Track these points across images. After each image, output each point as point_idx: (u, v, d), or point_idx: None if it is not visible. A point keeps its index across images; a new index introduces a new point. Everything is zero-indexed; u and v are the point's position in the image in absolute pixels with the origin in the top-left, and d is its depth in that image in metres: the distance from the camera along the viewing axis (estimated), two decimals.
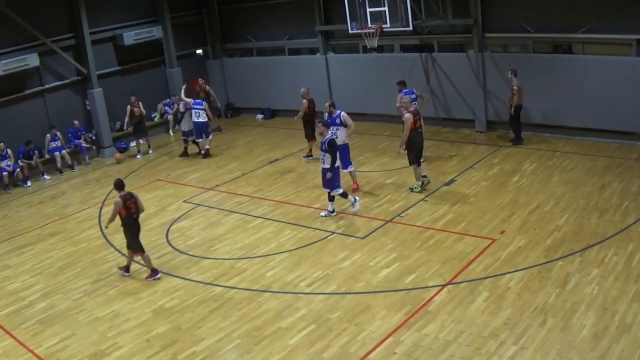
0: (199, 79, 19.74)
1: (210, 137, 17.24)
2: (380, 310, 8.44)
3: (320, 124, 12.05)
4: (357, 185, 13.17)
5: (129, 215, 9.87)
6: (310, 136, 15.47)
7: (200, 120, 16.70)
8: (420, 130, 12.53)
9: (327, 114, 12.87)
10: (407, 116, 12.06)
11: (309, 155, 15.79)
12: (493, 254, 9.65)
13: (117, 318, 9.01)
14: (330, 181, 11.62)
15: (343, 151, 12.68)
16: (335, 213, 11.91)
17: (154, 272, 10.11)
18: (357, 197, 12.17)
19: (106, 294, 9.80)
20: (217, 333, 8.35)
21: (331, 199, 11.88)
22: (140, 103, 17.95)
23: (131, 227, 9.95)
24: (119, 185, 10.07)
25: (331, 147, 11.47)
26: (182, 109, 17.15)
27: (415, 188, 12.63)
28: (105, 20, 18.60)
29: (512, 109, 14.84)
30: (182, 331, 8.49)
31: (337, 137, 12.67)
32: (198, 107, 16.72)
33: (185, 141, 17.35)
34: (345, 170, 12.85)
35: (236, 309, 8.93)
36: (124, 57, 19.29)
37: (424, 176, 12.78)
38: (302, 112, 15.31)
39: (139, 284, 10.03)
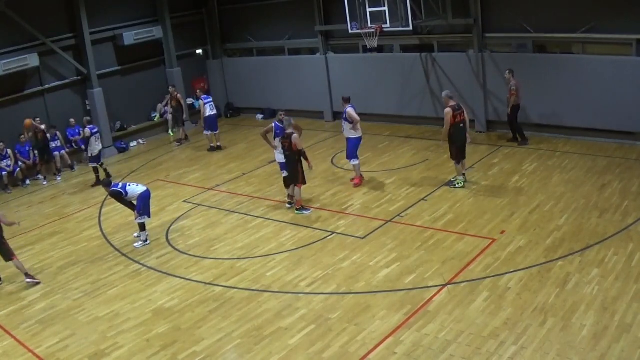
0: (170, 87, 18.96)
1: (217, 131, 17.80)
2: (380, 310, 8.44)
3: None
4: (359, 180, 13.38)
5: None
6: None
7: (214, 112, 17.56)
8: (462, 125, 12.20)
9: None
10: (447, 110, 12.12)
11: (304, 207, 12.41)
12: (493, 254, 9.65)
13: (117, 318, 9.02)
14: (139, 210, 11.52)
15: (351, 144, 13.11)
16: (148, 242, 11.55)
17: None
18: (148, 238, 11.59)
19: (106, 294, 9.80)
20: (217, 333, 8.35)
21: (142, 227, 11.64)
22: (43, 125, 16.39)
23: None
24: None
25: (115, 197, 11.42)
26: (87, 133, 15.41)
27: (458, 183, 12.54)
28: (105, 20, 18.60)
29: (510, 109, 14.83)
30: (182, 331, 8.49)
31: (344, 130, 13.15)
32: (208, 100, 17.56)
33: (96, 169, 15.64)
34: (351, 163, 13.33)
35: (236, 309, 8.93)
36: (124, 57, 19.28)
37: (463, 174, 12.72)
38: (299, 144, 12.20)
39: (139, 284, 10.03)
